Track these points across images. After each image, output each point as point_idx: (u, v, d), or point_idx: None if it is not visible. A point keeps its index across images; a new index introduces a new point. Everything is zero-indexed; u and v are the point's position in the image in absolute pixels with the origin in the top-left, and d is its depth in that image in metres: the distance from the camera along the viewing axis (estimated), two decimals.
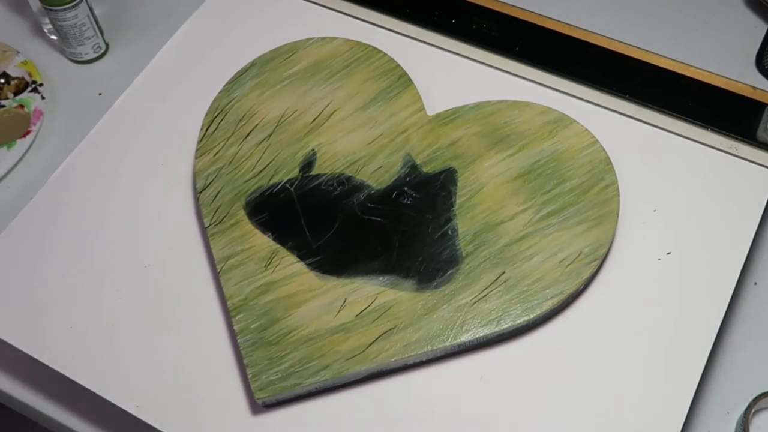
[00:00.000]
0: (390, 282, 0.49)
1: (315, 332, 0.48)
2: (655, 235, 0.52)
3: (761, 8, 0.68)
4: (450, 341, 0.47)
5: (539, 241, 0.50)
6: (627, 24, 0.68)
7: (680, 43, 0.65)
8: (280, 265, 0.50)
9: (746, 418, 0.50)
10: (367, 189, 0.53)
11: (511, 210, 0.51)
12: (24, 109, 0.68)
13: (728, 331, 0.55)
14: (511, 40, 0.60)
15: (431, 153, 0.54)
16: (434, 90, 0.56)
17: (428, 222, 0.51)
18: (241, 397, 0.49)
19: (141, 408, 0.48)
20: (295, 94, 0.57)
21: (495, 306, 0.48)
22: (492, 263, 0.49)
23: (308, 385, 0.47)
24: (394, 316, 0.48)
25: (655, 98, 0.57)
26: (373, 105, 0.56)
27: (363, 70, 0.57)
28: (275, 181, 0.53)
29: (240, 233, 0.52)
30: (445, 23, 0.61)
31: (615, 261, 0.51)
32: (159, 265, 0.53)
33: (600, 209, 0.51)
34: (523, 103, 0.55)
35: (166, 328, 0.51)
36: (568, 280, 0.49)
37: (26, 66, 0.70)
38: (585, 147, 0.53)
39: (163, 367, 0.50)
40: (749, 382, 0.54)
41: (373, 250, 0.50)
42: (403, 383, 0.49)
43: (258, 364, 0.47)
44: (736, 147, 0.55)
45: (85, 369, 0.50)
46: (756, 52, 0.66)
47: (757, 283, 0.57)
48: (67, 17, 0.66)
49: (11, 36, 0.72)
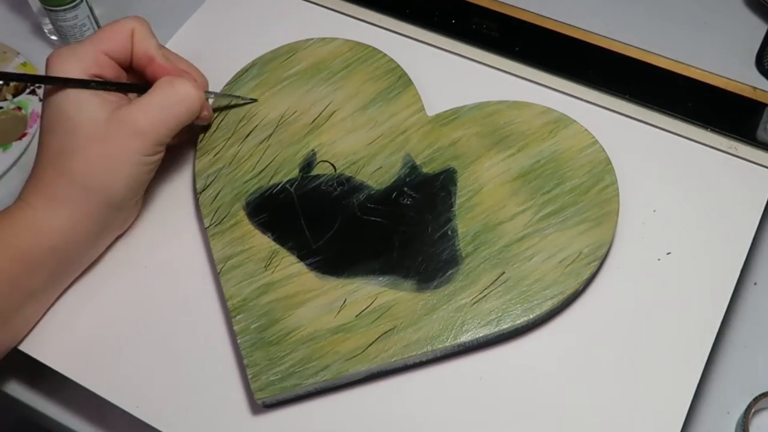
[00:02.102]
0: (390, 282, 0.49)
1: (315, 332, 0.48)
2: (655, 235, 0.52)
3: (761, 8, 0.68)
4: (450, 341, 0.47)
5: (539, 241, 0.50)
6: (627, 24, 0.68)
7: (680, 43, 0.65)
8: (280, 266, 0.50)
9: (746, 418, 0.50)
10: (367, 189, 0.53)
11: (510, 210, 0.51)
12: (21, 111, 0.68)
13: (728, 331, 0.55)
14: (511, 40, 0.60)
15: (431, 153, 0.54)
16: (434, 90, 0.57)
17: (428, 222, 0.51)
18: (241, 397, 0.49)
19: (141, 408, 0.49)
20: (295, 94, 0.57)
21: (495, 306, 0.48)
22: (492, 263, 0.49)
23: (308, 386, 0.47)
24: (394, 316, 0.48)
25: (655, 98, 0.57)
26: (373, 105, 0.56)
27: (363, 70, 0.57)
28: (275, 182, 0.53)
29: (240, 234, 0.52)
30: (445, 23, 0.61)
31: (615, 261, 0.51)
32: (159, 265, 0.53)
33: (600, 209, 0.51)
34: (523, 103, 0.55)
35: (166, 328, 0.51)
36: (568, 280, 0.49)
37: (26, 68, 0.70)
38: (585, 147, 0.53)
39: (163, 367, 0.50)
40: (749, 382, 0.54)
41: (373, 251, 0.50)
42: (403, 383, 0.49)
43: (258, 365, 0.47)
44: (736, 147, 0.55)
45: (85, 369, 0.50)
46: (756, 52, 0.66)
47: (757, 283, 0.57)
48: (67, 18, 0.66)
49: (11, 36, 0.72)
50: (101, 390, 0.49)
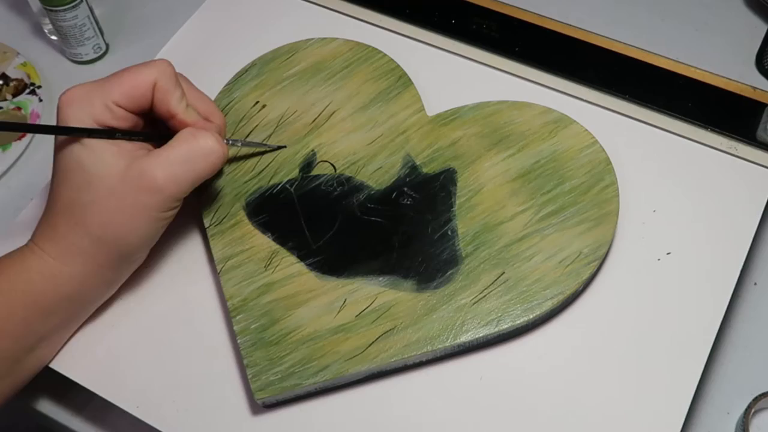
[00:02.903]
0: (390, 282, 0.49)
1: (315, 332, 0.48)
2: (655, 235, 0.52)
3: (761, 8, 0.68)
4: (450, 341, 0.47)
5: (539, 241, 0.50)
6: (627, 24, 0.68)
7: (680, 43, 0.65)
8: (280, 266, 0.50)
9: (746, 418, 0.50)
10: (367, 189, 0.53)
11: (510, 210, 0.51)
12: (21, 112, 0.68)
13: (728, 331, 0.55)
14: (511, 40, 0.60)
15: (431, 153, 0.54)
16: (434, 90, 0.57)
17: (428, 222, 0.51)
18: (241, 397, 0.49)
19: (141, 408, 0.49)
20: (295, 94, 0.57)
21: (495, 306, 0.48)
22: (492, 264, 0.49)
23: (308, 386, 0.47)
24: (394, 316, 0.48)
25: (655, 98, 0.57)
26: (373, 105, 0.56)
27: (363, 70, 0.57)
28: (275, 182, 0.53)
29: (240, 234, 0.52)
30: (445, 23, 0.61)
31: (615, 261, 0.51)
32: (159, 265, 0.53)
33: (600, 209, 0.51)
34: (523, 103, 0.55)
35: (166, 329, 0.51)
36: (567, 280, 0.49)
37: (25, 68, 0.70)
38: (585, 147, 0.53)
39: (163, 367, 0.50)
40: (749, 382, 0.54)
41: (372, 251, 0.50)
42: (403, 383, 0.49)
43: (258, 365, 0.47)
44: (736, 147, 0.55)
45: (85, 369, 0.50)
46: (756, 52, 0.66)
47: (757, 283, 0.57)
48: (67, 18, 0.66)
49: (11, 36, 0.72)
50: (101, 390, 0.49)
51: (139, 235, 0.48)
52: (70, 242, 0.47)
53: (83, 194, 0.46)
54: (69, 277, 0.47)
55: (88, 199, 0.46)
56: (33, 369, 0.49)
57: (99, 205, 0.46)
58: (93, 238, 0.47)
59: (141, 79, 0.47)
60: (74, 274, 0.47)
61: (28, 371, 0.49)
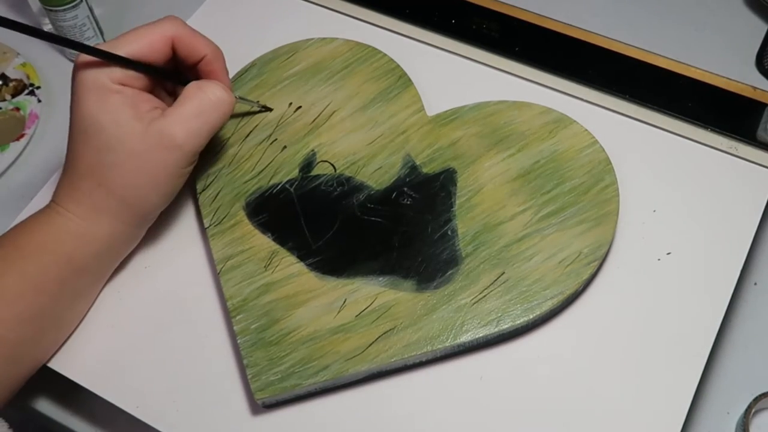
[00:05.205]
0: (390, 282, 0.49)
1: (315, 333, 0.48)
2: (655, 235, 0.52)
3: (761, 8, 0.68)
4: (450, 341, 0.47)
5: (539, 241, 0.50)
6: (627, 24, 0.68)
7: (680, 43, 0.65)
8: (280, 266, 0.50)
9: (746, 418, 0.50)
10: (366, 189, 0.53)
11: (510, 210, 0.51)
12: (20, 112, 0.68)
13: (728, 331, 0.55)
14: (511, 40, 0.60)
15: (431, 153, 0.54)
16: (434, 90, 0.57)
17: (428, 222, 0.51)
18: (241, 397, 0.49)
19: (141, 408, 0.49)
20: (295, 94, 0.57)
21: (495, 306, 0.48)
22: (491, 264, 0.49)
23: (308, 386, 0.47)
24: (394, 316, 0.48)
25: (655, 98, 0.57)
26: (373, 105, 0.56)
27: (363, 70, 0.57)
28: (275, 182, 0.53)
29: (240, 234, 0.52)
30: (445, 23, 0.61)
31: (615, 261, 0.51)
32: (159, 265, 0.53)
33: (600, 209, 0.51)
34: (523, 103, 0.55)
35: (166, 329, 0.51)
36: (567, 280, 0.49)
37: (25, 68, 0.70)
38: (585, 147, 0.53)
39: (163, 367, 0.50)
40: (749, 382, 0.54)
41: (372, 251, 0.50)
42: (403, 383, 0.49)
43: (258, 365, 0.47)
44: (736, 147, 0.55)
45: (85, 369, 0.50)
46: (756, 52, 0.66)
47: (757, 283, 0.57)
48: (67, 17, 0.66)
49: (11, 36, 0.72)
50: (101, 390, 0.49)
51: (161, 193, 0.49)
52: (95, 203, 0.48)
53: (105, 156, 0.47)
54: (97, 236, 0.49)
55: (110, 162, 0.47)
56: (72, 326, 0.51)
57: (121, 167, 0.47)
58: (117, 199, 0.48)
59: (158, 34, 0.49)
60: (101, 232, 0.49)
61: (68, 328, 0.51)
